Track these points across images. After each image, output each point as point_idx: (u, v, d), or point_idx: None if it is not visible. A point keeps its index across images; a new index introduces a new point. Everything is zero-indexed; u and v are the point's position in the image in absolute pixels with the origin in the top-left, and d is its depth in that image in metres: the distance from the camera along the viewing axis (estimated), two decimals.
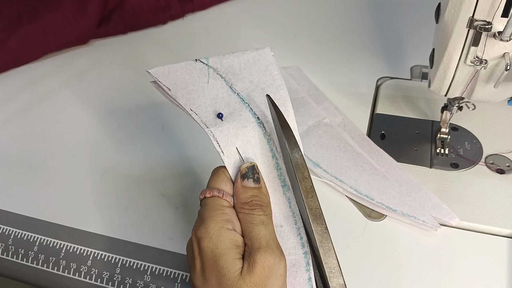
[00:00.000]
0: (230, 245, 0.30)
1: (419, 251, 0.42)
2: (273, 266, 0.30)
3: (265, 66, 0.40)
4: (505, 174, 0.47)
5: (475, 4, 0.36)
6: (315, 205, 0.32)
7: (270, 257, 0.30)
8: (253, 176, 0.34)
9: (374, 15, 0.72)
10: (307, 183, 0.32)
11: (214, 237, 0.31)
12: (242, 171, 0.34)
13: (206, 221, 0.31)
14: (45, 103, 0.62)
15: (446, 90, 0.44)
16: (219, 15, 0.75)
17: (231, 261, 0.30)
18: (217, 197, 0.33)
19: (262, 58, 0.41)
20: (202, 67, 0.40)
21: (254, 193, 0.33)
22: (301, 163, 0.33)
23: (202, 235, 0.31)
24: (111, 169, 0.52)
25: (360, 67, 0.62)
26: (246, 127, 0.37)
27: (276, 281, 0.30)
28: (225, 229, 0.31)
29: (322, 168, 0.48)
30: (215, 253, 0.30)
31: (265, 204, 0.33)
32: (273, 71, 0.40)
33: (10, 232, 0.48)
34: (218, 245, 0.30)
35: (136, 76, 0.65)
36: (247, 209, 0.32)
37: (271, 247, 0.30)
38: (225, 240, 0.30)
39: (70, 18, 0.68)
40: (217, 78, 0.40)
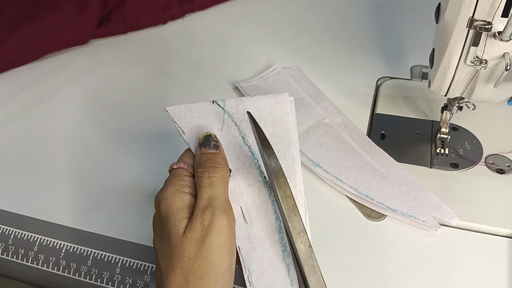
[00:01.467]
0: (181, 205, 0.33)
1: (419, 251, 0.42)
2: (211, 224, 0.31)
3: (281, 117, 0.39)
4: (505, 174, 0.47)
5: (475, 4, 0.36)
6: (298, 224, 0.33)
7: (208, 215, 0.32)
8: (210, 144, 0.36)
9: (374, 15, 0.72)
10: (290, 202, 0.33)
11: (169, 198, 0.33)
12: (200, 140, 0.37)
13: (166, 186, 0.34)
14: (45, 103, 0.62)
15: (446, 90, 0.44)
16: (219, 15, 0.75)
17: (179, 220, 0.32)
18: (182, 168, 0.36)
19: (279, 106, 0.40)
20: (218, 111, 0.40)
21: (209, 157, 0.35)
22: (282, 181, 0.34)
23: (160, 197, 0.34)
24: (111, 169, 0.52)
25: (360, 67, 0.62)
26: (252, 186, 0.36)
27: (215, 237, 0.31)
28: (180, 191, 0.34)
29: (322, 168, 0.48)
30: (168, 212, 0.33)
31: (218, 166, 0.35)
32: (288, 123, 0.39)
33: (10, 232, 0.48)
34: (172, 205, 0.33)
35: (136, 76, 0.65)
36: (199, 171, 0.35)
37: (211, 206, 0.32)
38: (177, 201, 0.33)
39: (70, 18, 0.68)
40: (231, 126, 0.39)
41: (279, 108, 0.40)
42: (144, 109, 0.60)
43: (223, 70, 0.64)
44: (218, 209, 0.32)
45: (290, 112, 0.39)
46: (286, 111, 0.40)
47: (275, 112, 0.40)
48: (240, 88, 0.59)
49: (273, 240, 0.35)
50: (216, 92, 0.61)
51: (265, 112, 0.40)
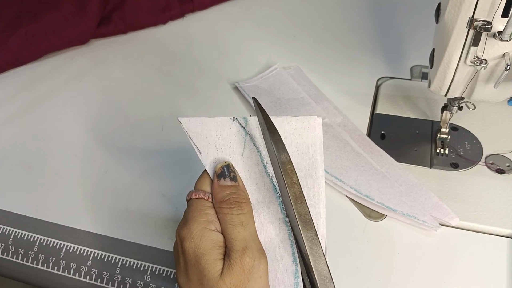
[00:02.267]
0: (211, 245, 0.31)
1: (419, 251, 0.42)
2: (252, 268, 0.30)
3: (307, 146, 0.35)
4: (505, 174, 0.47)
5: (475, 4, 0.36)
6: (304, 211, 0.31)
7: (249, 259, 0.30)
8: (229, 175, 0.34)
9: (374, 15, 0.72)
10: (296, 189, 0.32)
11: (196, 238, 0.31)
12: (217, 171, 0.34)
13: (189, 222, 0.32)
14: (45, 103, 0.62)
15: (446, 90, 0.44)
16: (219, 15, 0.75)
17: (212, 262, 0.30)
18: (202, 199, 0.33)
19: (306, 132, 0.35)
20: (239, 131, 0.36)
21: (231, 190, 0.33)
22: (289, 168, 0.32)
23: (185, 235, 0.31)
24: (111, 169, 0.52)
25: (360, 67, 0.62)
26: (272, 224, 0.33)
27: (256, 283, 0.30)
28: (207, 230, 0.31)
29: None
30: (197, 253, 0.31)
31: (243, 201, 0.33)
32: (315, 154, 0.35)
33: (10, 232, 0.48)
34: (200, 246, 0.31)
35: (136, 76, 0.65)
36: (225, 207, 0.32)
37: (250, 249, 0.31)
38: (206, 240, 0.31)
39: (70, 18, 0.68)
40: (253, 151, 0.35)
41: (305, 135, 0.36)
42: (144, 109, 0.60)
43: (223, 70, 0.64)
44: (257, 252, 0.31)
45: (317, 141, 0.35)
46: (314, 139, 0.35)
47: (301, 140, 0.35)
48: (240, 88, 0.59)
49: (288, 284, 0.32)
50: (216, 92, 0.61)
51: (290, 138, 0.35)
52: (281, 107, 0.56)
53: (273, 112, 0.55)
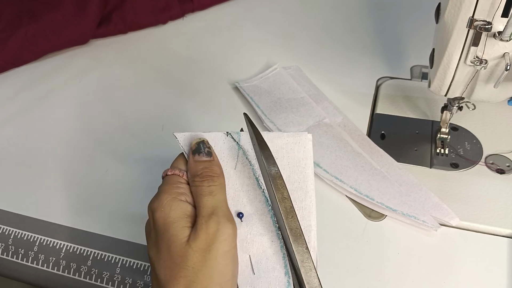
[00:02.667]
0: (180, 214, 0.32)
1: (419, 251, 0.42)
2: (217, 232, 0.31)
3: (298, 160, 0.36)
4: (505, 174, 0.47)
5: (475, 4, 0.36)
6: (295, 226, 0.32)
7: (214, 223, 0.31)
8: (204, 150, 0.35)
9: (374, 15, 0.72)
10: (287, 204, 0.33)
11: (166, 207, 0.32)
12: (192, 147, 0.35)
13: (161, 194, 0.33)
14: (45, 103, 0.62)
15: (446, 90, 0.44)
16: (219, 15, 0.75)
17: (180, 229, 0.31)
18: (176, 175, 0.35)
19: (297, 147, 0.36)
20: (232, 145, 0.37)
21: (205, 165, 0.34)
22: (280, 183, 0.33)
23: (156, 206, 0.33)
24: (110, 169, 0.52)
25: (360, 67, 0.62)
26: (264, 236, 0.34)
27: (221, 245, 0.31)
28: (177, 200, 0.33)
29: (322, 168, 0.48)
30: (166, 222, 0.32)
31: (215, 175, 0.34)
32: (306, 168, 0.36)
33: (10, 232, 0.48)
34: (169, 214, 0.32)
35: (136, 76, 0.65)
36: (197, 181, 0.34)
37: (215, 214, 0.32)
38: (176, 209, 0.32)
39: (70, 18, 0.68)
40: (246, 164, 0.36)
41: (297, 150, 0.37)
42: (144, 109, 0.60)
43: (223, 70, 0.64)
44: (222, 217, 0.32)
45: (308, 155, 0.36)
46: (305, 153, 0.37)
47: (292, 154, 0.37)
48: (240, 88, 0.59)
49: None
50: (216, 92, 0.61)
51: (282, 152, 0.37)
52: (281, 107, 0.56)
53: (273, 112, 0.55)
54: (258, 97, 0.57)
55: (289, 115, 0.54)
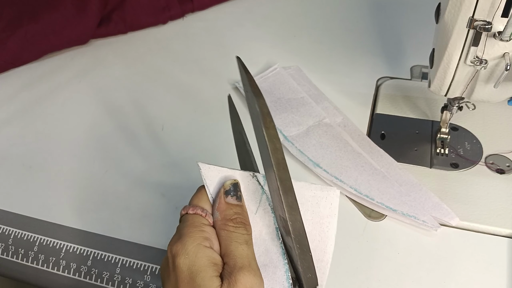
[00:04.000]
0: (207, 262, 0.30)
1: (419, 251, 0.42)
2: (253, 286, 0.29)
3: (322, 217, 0.34)
4: (505, 174, 0.47)
5: (475, 4, 0.36)
6: (285, 177, 0.30)
7: (253, 277, 0.29)
8: (236, 194, 0.33)
9: (374, 15, 0.72)
10: (279, 155, 0.30)
11: (191, 254, 0.30)
12: (226, 187, 0.33)
13: (184, 237, 0.30)
14: (45, 103, 0.62)
15: (446, 90, 0.44)
16: (219, 15, 0.75)
17: (209, 279, 0.29)
18: (199, 215, 0.32)
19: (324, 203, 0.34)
20: (257, 189, 0.34)
21: (237, 210, 0.32)
22: (273, 134, 0.30)
23: (179, 251, 0.30)
24: (111, 169, 0.52)
25: (360, 67, 0.62)
26: None
27: None
28: (203, 247, 0.30)
29: (322, 168, 0.48)
30: (191, 270, 0.29)
31: (248, 223, 0.32)
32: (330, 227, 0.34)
33: (10, 232, 0.48)
34: (195, 262, 0.29)
35: (136, 76, 0.65)
36: (231, 226, 0.32)
37: (253, 268, 0.30)
38: (202, 257, 0.30)
39: (70, 18, 0.68)
40: (267, 211, 0.34)
41: (323, 206, 0.34)
42: (144, 109, 0.60)
43: (223, 70, 0.64)
44: (257, 271, 0.30)
45: (333, 213, 0.34)
46: (331, 211, 0.34)
47: (317, 209, 0.34)
48: (240, 89, 0.59)
49: None
50: (216, 92, 0.61)
51: (307, 204, 0.34)
52: (281, 107, 0.56)
53: (273, 112, 0.55)
54: None
55: (289, 115, 0.54)
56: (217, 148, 0.54)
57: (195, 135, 0.55)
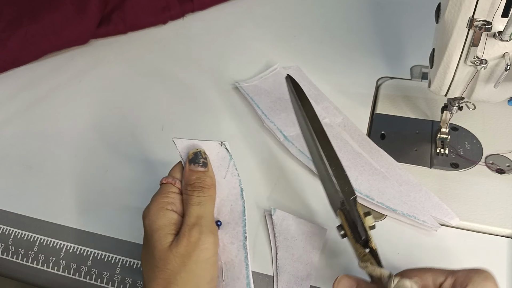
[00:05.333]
0: (166, 222, 0.35)
1: (419, 251, 0.42)
2: (198, 240, 0.33)
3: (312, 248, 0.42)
4: (505, 174, 0.47)
5: (475, 4, 0.36)
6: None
7: (196, 232, 0.33)
8: (199, 161, 0.37)
9: (374, 15, 0.72)
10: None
11: (152, 216, 0.35)
12: (189, 156, 0.38)
13: (151, 203, 0.36)
14: (45, 103, 0.62)
15: (446, 90, 0.44)
16: (219, 15, 0.75)
17: (164, 236, 0.34)
18: (170, 183, 0.37)
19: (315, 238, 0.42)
20: (225, 156, 0.39)
21: (199, 175, 0.37)
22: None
23: (145, 214, 0.36)
24: (111, 169, 0.52)
25: (360, 67, 0.62)
26: (233, 244, 0.37)
27: (202, 252, 0.33)
28: (164, 209, 0.35)
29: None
30: (152, 229, 0.35)
31: (208, 186, 0.36)
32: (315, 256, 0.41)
33: (10, 232, 0.48)
34: (155, 222, 0.35)
35: (136, 76, 0.65)
36: (189, 190, 0.36)
37: (199, 224, 0.34)
38: (161, 218, 0.35)
39: (70, 18, 0.68)
40: (234, 175, 0.39)
41: (314, 239, 0.42)
42: (144, 109, 0.60)
43: (223, 70, 0.64)
44: (205, 227, 0.34)
45: (319, 247, 0.42)
46: (319, 244, 0.42)
47: (309, 242, 0.42)
48: (240, 88, 0.59)
49: None
50: (216, 92, 0.61)
51: (302, 236, 0.42)
52: (281, 106, 0.56)
53: (273, 112, 0.55)
54: (258, 97, 0.57)
55: (289, 115, 0.54)
56: None
57: (195, 135, 0.55)
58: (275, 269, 0.42)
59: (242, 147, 0.53)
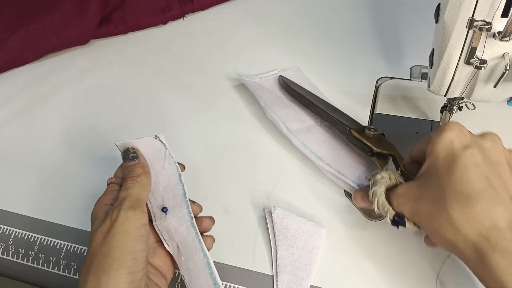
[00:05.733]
0: (100, 213, 0.38)
1: (419, 251, 0.42)
2: (118, 217, 0.36)
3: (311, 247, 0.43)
4: None
5: (475, 4, 0.36)
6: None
7: (116, 211, 0.36)
8: (129, 156, 0.41)
9: (374, 15, 0.72)
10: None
11: (94, 210, 0.39)
12: (122, 155, 0.41)
13: (97, 201, 0.40)
14: (45, 103, 0.62)
15: (445, 90, 0.44)
16: (219, 15, 0.75)
17: (97, 222, 0.37)
18: (113, 183, 0.41)
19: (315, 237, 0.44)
20: (161, 147, 0.43)
21: (130, 169, 0.40)
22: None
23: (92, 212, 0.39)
24: (111, 169, 0.52)
25: (359, 67, 0.62)
26: (182, 226, 0.40)
27: (119, 225, 0.35)
28: (103, 204, 0.39)
29: (324, 162, 0.48)
30: (91, 220, 0.38)
31: (137, 175, 0.39)
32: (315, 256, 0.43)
33: (10, 232, 0.48)
34: (93, 214, 0.39)
35: (136, 76, 0.65)
36: (123, 183, 0.39)
37: (120, 204, 0.37)
38: (98, 210, 0.38)
39: (70, 18, 0.68)
40: (171, 163, 0.42)
41: (314, 238, 0.44)
42: (144, 109, 0.60)
43: (223, 70, 0.64)
44: (126, 205, 0.36)
45: (319, 246, 0.43)
46: (318, 244, 0.43)
47: (309, 241, 0.43)
48: (243, 80, 0.59)
49: (205, 274, 0.39)
50: (216, 92, 0.61)
51: (302, 235, 0.44)
52: (283, 104, 0.56)
53: (276, 106, 0.55)
54: (260, 91, 0.58)
55: (291, 111, 0.55)
56: (217, 148, 0.54)
57: (195, 135, 0.55)
58: (275, 268, 0.42)
59: (242, 147, 0.53)
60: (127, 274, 0.34)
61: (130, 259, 0.34)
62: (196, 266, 0.39)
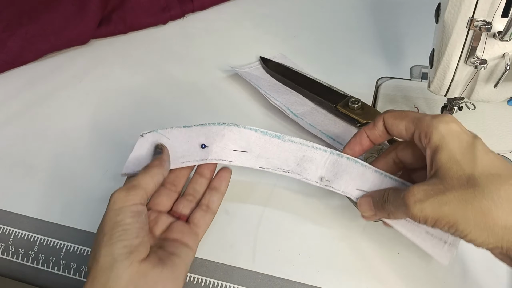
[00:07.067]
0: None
1: (419, 251, 0.42)
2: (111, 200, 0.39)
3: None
4: None
5: (475, 4, 0.36)
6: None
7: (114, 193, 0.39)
8: (156, 151, 0.45)
9: (374, 15, 0.72)
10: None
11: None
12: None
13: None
14: (45, 103, 0.62)
15: (446, 90, 0.44)
16: (219, 15, 0.75)
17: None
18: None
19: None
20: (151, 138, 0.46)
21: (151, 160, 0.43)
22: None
23: None
24: (111, 169, 0.52)
25: (359, 67, 0.62)
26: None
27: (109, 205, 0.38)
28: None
29: (335, 140, 0.50)
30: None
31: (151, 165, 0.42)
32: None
33: (10, 232, 0.48)
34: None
35: (136, 76, 0.65)
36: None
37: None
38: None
39: (70, 18, 0.68)
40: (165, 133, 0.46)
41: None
42: (144, 109, 0.60)
43: (223, 70, 0.64)
44: (121, 188, 0.39)
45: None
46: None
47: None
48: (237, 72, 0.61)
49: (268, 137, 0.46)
50: (216, 92, 0.61)
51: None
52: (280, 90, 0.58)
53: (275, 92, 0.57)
54: (255, 80, 0.58)
55: (291, 97, 0.56)
56: None
57: None
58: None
59: None
60: (119, 242, 0.35)
61: (120, 229, 0.36)
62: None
